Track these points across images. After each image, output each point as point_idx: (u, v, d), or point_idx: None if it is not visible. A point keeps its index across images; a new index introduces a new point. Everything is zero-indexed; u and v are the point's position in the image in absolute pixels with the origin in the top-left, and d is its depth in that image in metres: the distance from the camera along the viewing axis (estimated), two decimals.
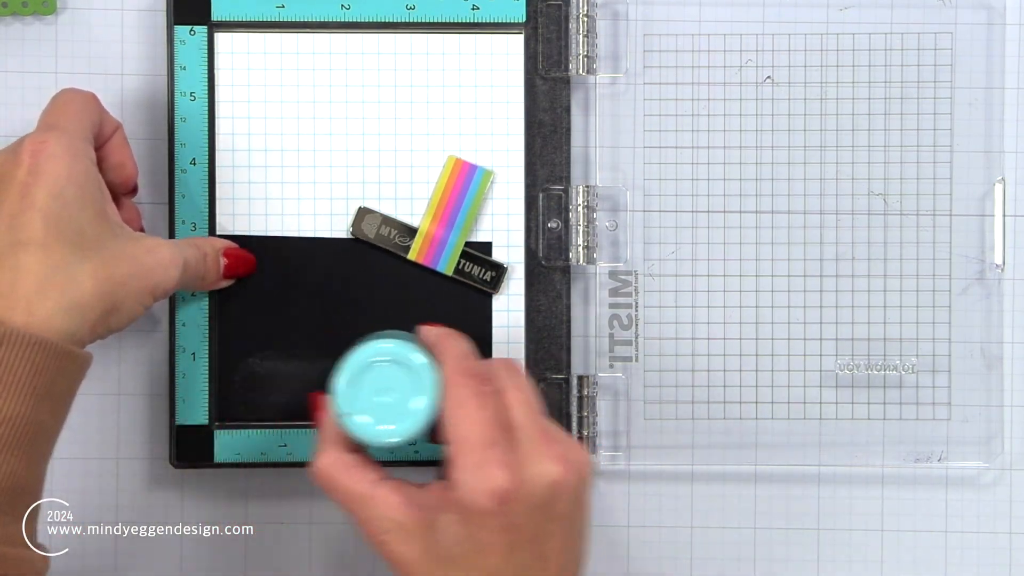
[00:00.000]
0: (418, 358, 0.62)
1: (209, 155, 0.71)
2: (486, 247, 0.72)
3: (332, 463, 0.62)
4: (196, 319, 0.71)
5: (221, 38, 0.71)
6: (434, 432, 0.63)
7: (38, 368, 0.58)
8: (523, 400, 0.61)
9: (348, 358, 0.63)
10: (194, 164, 0.71)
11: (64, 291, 0.59)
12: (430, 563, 0.60)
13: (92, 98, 0.66)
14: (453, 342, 0.63)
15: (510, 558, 0.59)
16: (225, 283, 0.70)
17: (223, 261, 0.69)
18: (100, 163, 0.65)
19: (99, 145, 0.66)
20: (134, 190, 0.69)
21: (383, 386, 0.62)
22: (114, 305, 0.61)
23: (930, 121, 0.73)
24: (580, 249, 0.72)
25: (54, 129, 0.63)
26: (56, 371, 0.59)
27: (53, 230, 0.60)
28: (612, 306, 0.73)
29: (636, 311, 0.73)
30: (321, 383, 0.71)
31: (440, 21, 0.71)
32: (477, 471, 0.59)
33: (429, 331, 0.65)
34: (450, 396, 0.61)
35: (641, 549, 0.74)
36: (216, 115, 0.71)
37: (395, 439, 0.62)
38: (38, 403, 0.58)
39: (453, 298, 0.72)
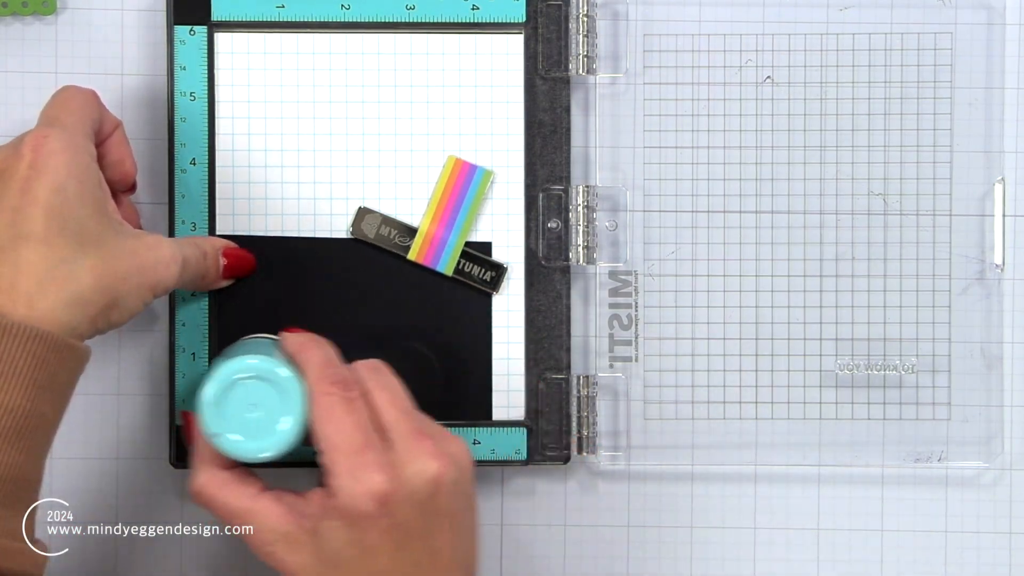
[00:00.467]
0: (282, 372, 0.62)
1: (209, 155, 0.71)
2: (486, 247, 0.72)
3: (207, 481, 0.63)
4: (196, 319, 0.71)
5: (221, 38, 0.71)
6: (309, 439, 0.63)
7: (39, 360, 0.58)
8: (391, 400, 0.62)
9: (211, 375, 0.63)
10: (194, 164, 0.71)
11: (64, 285, 0.60)
12: (320, 569, 0.61)
13: (92, 95, 0.66)
14: (315, 349, 0.64)
15: (398, 557, 0.60)
16: (225, 283, 0.70)
17: (223, 261, 0.69)
18: (100, 160, 0.66)
19: (99, 142, 0.66)
20: (133, 188, 0.69)
21: (250, 402, 0.63)
22: (114, 300, 0.61)
23: (930, 121, 0.73)
24: (580, 249, 0.72)
25: (55, 125, 0.63)
26: (57, 363, 0.59)
27: (54, 225, 0.60)
28: (612, 306, 0.73)
29: (636, 311, 0.73)
30: None
31: (440, 21, 0.71)
32: (354, 476, 0.60)
33: (290, 338, 0.65)
34: (317, 406, 0.62)
35: (641, 549, 0.74)
36: (216, 115, 0.71)
37: (266, 455, 0.63)
38: (39, 395, 0.59)
39: (453, 298, 0.72)
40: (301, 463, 0.67)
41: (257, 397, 0.62)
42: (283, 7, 0.71)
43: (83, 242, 0.61)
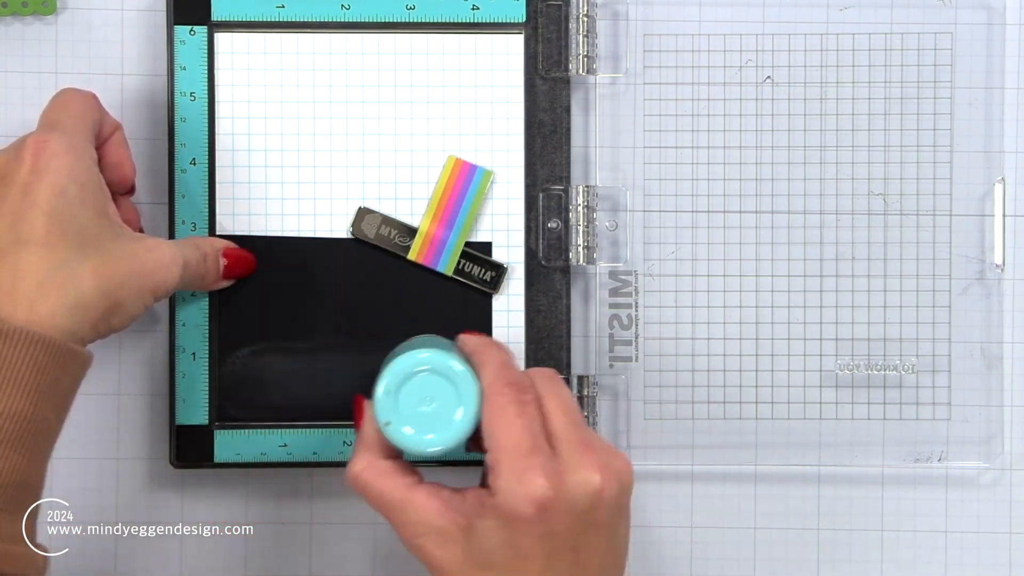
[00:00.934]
0: (458, 367, 0.62)
1: (209, 155, 0.71)
2: (486, 247, 0.72)
3: (366, 468, 0.62)
4: (196, 319, 0.71)
5: (221, 38, 0.71)
6: (475, 441, 0.62)
7: (40, 366, 0.58)
8: (563, 408, 0.61)
9: (389, 366, 0.63)
10: (194, 164, 0.71)
11: (66, 290, 0.59)
12: (469, 568, 0.60)
13: (92, 98, 0.66)
14: (493, 351, 0.63)
15: (549, 565, 0.59)
16: (225, 283, 0.70)
17: (223, 261, 0.69)
18: (99, 162, 0.65)
19: (99, 144, 0.66)
20: (132, 190, 0.69)
21: (424, 395, 0.62)
22: (116, 304, 0.61)
23: (930, 121, 0.73)
24: (580, 249, 0.72)
25: (56, 128, 0.63)
26: (58, 369, 0.59)
27: (55, 229, 0.60)
28: (612, 306, 0.73)
29: (636, 311, 0.73)
30: (321, 382, 0.71)
31: (440, 21, 0.71)
32: (518, 478, 0.59)
33: (469, 339, 0.65)
34: (490, 405, 0.61)
35: (641, 549, 0.74)
36: (216, 115, 0.71)
37: (436, 448, 0.62)
38: (41, 400, 0.58)
39: (453, 298, 0.72)
40: (454, 463, 0.68)
41: (431, 391, 0.62)
42: (283, 7, 0.71)
43: (84, 246, 0.61)
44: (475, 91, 0.72)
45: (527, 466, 0.59)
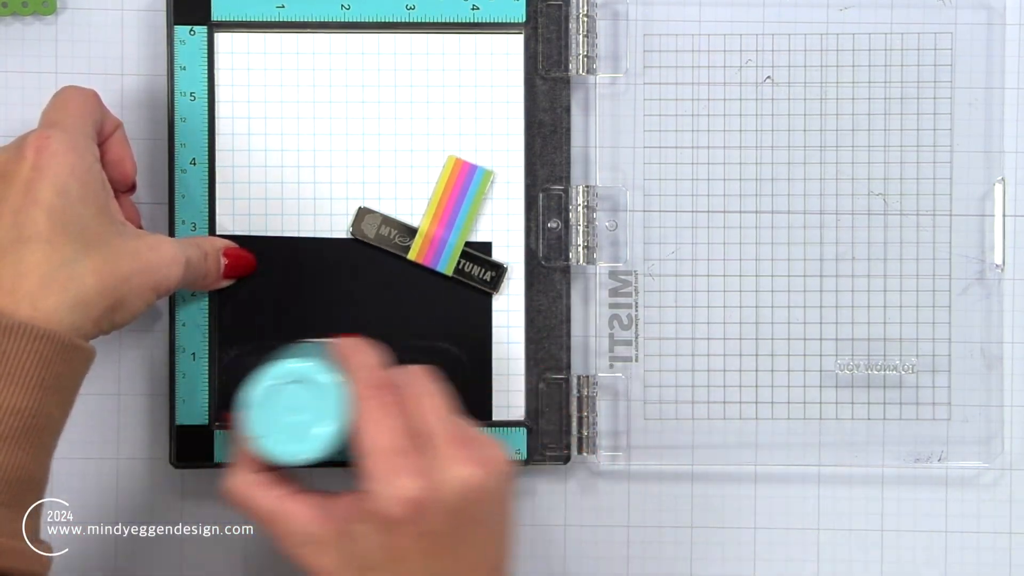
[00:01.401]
0: (323, 376, 0.62)
1: (209, 155, 0.71)
2: (486, 247, 0.72)
3: (241, 482, 0.62)
4: (196, 319, 0.71)
5: (221, 38, 0.71)
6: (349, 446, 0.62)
7: (45, 361, 0.58)
8: (434, 405, 0.61)
9: (256, 378, 0.63)
10: (194, 164, 0.71)
11: (68, 287, 0.60)
12: (348, 572, 0.60)
13: (93, 95, 0.66)
14: (361, 354, 0.63)
15: (428, 565, 0.60)
16: (225, 283, 0.70)
17: (224, 261, 0.69)
18: (100, 159, 0.65)
19: (100, 142, 0.66)
20: (133, 188, 0.69)
21: (291, 406, 0.62)
22: (117, 301, 0.62)
23: (930, 121, 0.73)
24: (580, 249, 0.72)
25: (57, 126, 0.63)
26: (62, 364, 0.59)
27: (57, 226, 0.60)
28: (612, 306, 0.73)
29: (636, 311, 0.73)
30: None
31: (440, 21, 0.71)
32: (389, 480, 0.59)
33: (338, 343, 0.65)
34: (359, 409, 0.61)
35: (641, 549, 0.74)
36: (216, 115, 0.71)
37: (306, 458, 0.62)
38: (45, 395, 0.59)
39: (453, 298, 0.72)
40: (346, 464, 0.68)
41: (300, 401, 0.62)
42: (283, 7, 0.71)
43: (86, 243, 0.61)
44: (475, 91, 0.72)
45: (396, 467, 0.59)
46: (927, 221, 0.73)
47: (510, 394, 0.72)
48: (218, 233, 0.71)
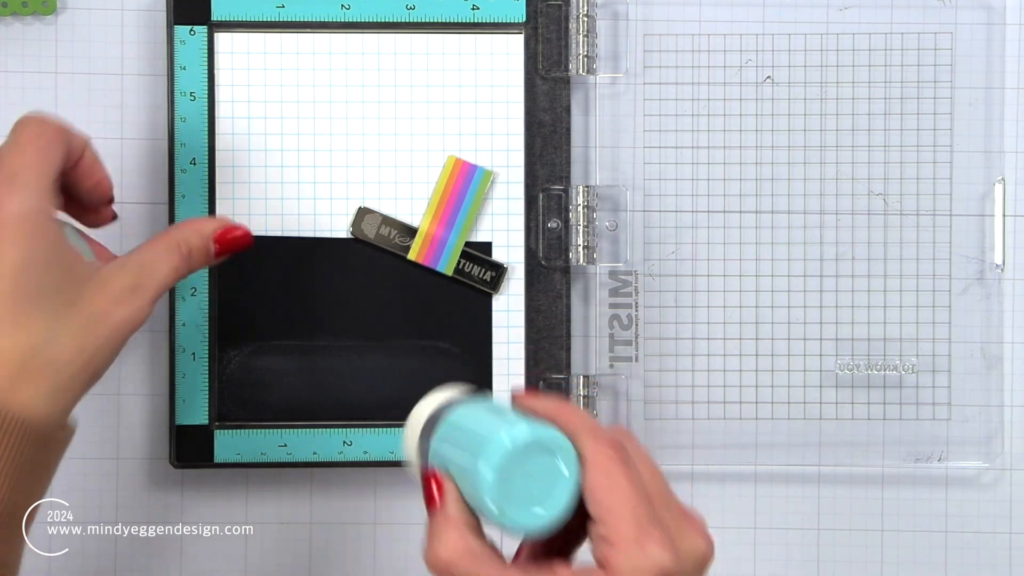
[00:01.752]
0: (561, 439, 0.55)
1: (209, 155, 0.71)
2: (486, 247, 0.72)
3: (460, 553, 0.55)
4: (196, 319, 0.71)
5: (221, 38, 0.71)
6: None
7: (19, 452, 0.56)
8: (652, 470, 0.57)
9: (490, 448, 0.55)
10: (194, 164, 0.71)
11: (45, 373, 0.57)
12: None
13: (55, 129, 0.60)
14: (579, 412, 0.57)
15: None
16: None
17: (214, 247, 0.64)
18: (74, 185, 0.62)
19: (69, 169, 0.61)
20: (110, 200, 0.64)
21: (528, 470, 0.55)
22: (95, 371, 0.58)
23: (930, 121, 0.73)
24: (580, 249, 0.72)
25: (15, 181, 0.58)
26: (40, 452, 0.57)
27: (22, 303, 0.56)
28: (612, 306, 0.73)
29: (636, 311, 0.73)
30: (320, 382, 0.71)
31: (440, 21, 0.71)
32: (642, 551, 0.54)
33: (539, 403, 0.57)
34: (596, 471, 0.55)
35: None
36: (216, 115, 0.71)
37: (543, 524, 0.55)
38: (19, 484, 0.56)
39: (453, 298, 0.72)
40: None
41: (533, 465, 0.55)
42: (283, 7, 0.71)
43: (56, 314, 0.57)
44: (475, 91, 0.72)
45: (648, 536, 0.54)
46: (927, 221, 0.73)
47: (510, 394, 0.72)
48: None
